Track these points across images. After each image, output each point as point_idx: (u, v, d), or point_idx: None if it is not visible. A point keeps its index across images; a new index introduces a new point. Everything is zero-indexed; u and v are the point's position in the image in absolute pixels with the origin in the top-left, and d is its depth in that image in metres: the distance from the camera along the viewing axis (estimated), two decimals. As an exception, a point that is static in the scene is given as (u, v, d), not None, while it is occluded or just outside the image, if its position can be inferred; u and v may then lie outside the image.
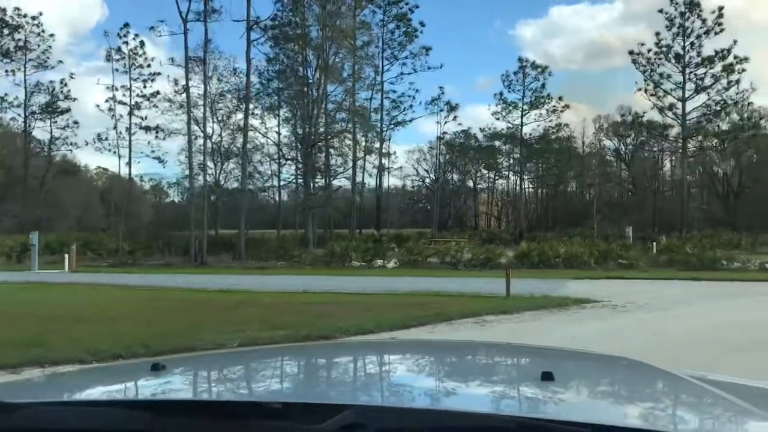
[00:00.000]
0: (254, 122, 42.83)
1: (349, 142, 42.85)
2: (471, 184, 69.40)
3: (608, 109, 78.63)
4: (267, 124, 45.19)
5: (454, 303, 13.64)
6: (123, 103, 43.47)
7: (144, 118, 43.48)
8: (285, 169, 47.90)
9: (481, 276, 21.41)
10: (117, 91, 43.19)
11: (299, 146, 39.95)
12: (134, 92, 43.57)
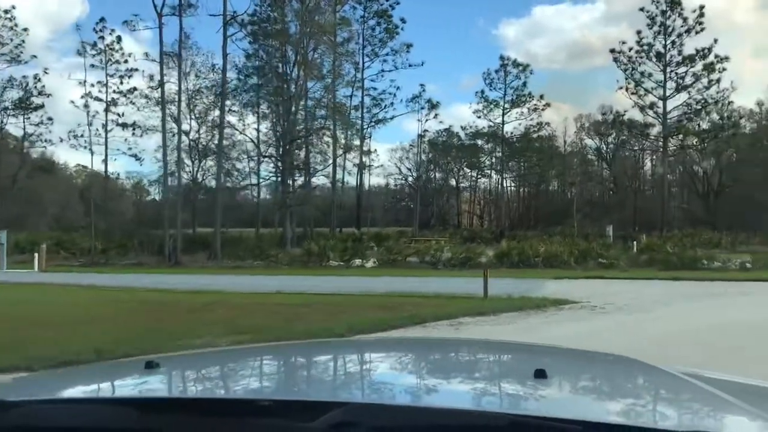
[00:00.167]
0: (232, 119, 42.25)
1: (329, 139, 42.33)
2: (454, 183, 69.24)
3: (590, 109, 78.60)
4: (246, 121, 44.64)
5: (429, 304, 13.30)
6: (99, 99, 42.63)
7: (121, 115, 42.66)
8: (263, 166, 47.31)
9: (460, 276, 21.08)
10: (93, 87, 42.34)
11: (279, 143, 39.36)
12: (111, 88, 42.72)
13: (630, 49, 46.88)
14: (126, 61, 42.76)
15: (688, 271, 21.78)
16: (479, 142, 61.26)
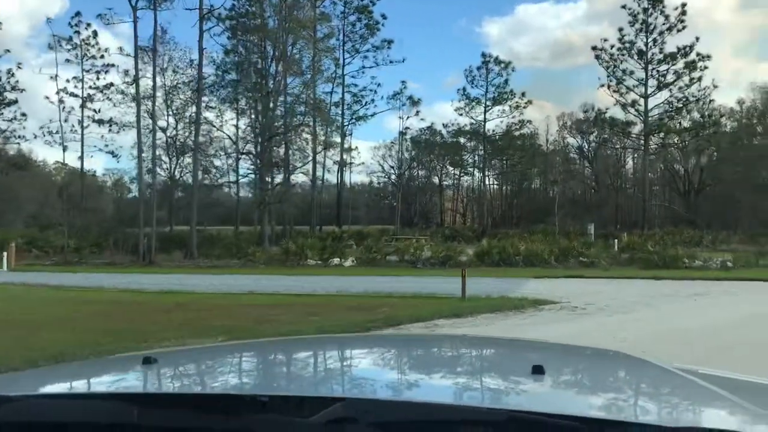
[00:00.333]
0: (210, 115, 41.58)
1: (308, 136, 41.71)
2: (437, 181, 68.92)
3: (572, 107, 78.79)
4: (224, 117, 43.96)
5: (406, 305, 12.96)
6: (75, 95, 41.70)
7: (97, 111, 41.77)
8: (242, 163, 46.61)
9: (439, 275, 20.75)
10: (69, 82, 41.40)
11: (257, 140, 38.73)
12: (87, 84, 41.83)
13: (612, 47, 46.82)
14: (102, 57, 41.87)
15: (669, 270, 21.63)
16: (462, 140, 60.91)
